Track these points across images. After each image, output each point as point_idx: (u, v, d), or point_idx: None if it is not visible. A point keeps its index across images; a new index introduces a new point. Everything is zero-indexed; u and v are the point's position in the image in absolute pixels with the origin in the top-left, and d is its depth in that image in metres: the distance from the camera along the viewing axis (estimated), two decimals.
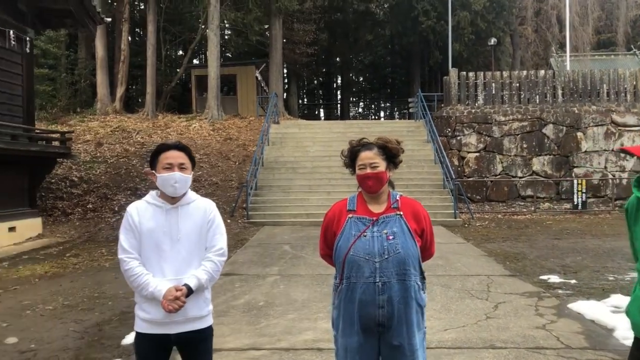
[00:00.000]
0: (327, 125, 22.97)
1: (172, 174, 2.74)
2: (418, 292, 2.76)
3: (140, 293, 2.74)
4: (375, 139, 2.89)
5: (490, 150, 18.61)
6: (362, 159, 2.79)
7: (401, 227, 2.75)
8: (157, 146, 2.90)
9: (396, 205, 2.82)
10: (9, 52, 11.81)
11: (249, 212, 14.63)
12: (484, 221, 14.86)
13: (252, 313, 6.16)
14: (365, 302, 2.67)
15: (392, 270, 2.67)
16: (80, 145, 18.65)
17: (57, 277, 8.26)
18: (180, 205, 2.82)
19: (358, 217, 2.79)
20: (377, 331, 2.71)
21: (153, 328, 2.75)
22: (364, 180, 2.79)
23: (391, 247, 2.69)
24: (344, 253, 2.72)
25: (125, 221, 2.80)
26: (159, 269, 2.74)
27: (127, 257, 2.75)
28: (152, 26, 23.84)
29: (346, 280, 2.73)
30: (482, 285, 7.41)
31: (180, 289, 2.69)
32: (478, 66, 31.38)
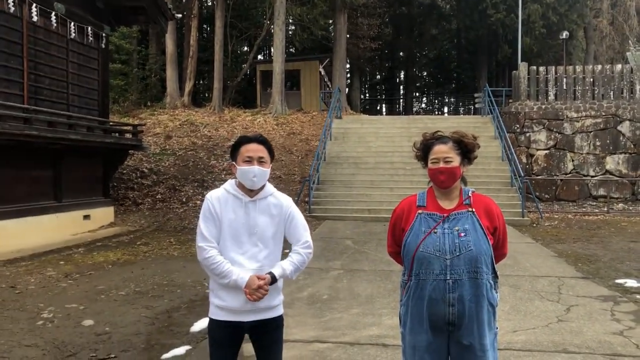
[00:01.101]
0: (390, 120, 22.74)
1: (251, 168, 2.77)
2: (490, 291, 2.66)
3: (221, 281, 2.75)
4: (450, 133, 2.80)
5: (561, 147, 17.89)
6: (435, 152, 2.72)
7: (473, 224, 2.66)
8: (238, 138, 2.94)
9: (468, 202, 2.73)
10: (87, 47, 12.35)
11: (311, 206, 14.71)
12: (554, 221, 14.31)
13: (317, 306, 6.18)
14: (435, 299, 2.61)
15: (464, 268, 2.59)
16: (150, 138, 19.31)
17: (129, 264, 8.59)
18: (258, 199, 2.85)
19: (428, 213, 2.71)
20: (447, 330, 2.64)
21: (227, 315, 2.79)
22: (436, 175, 2.71)
23: (463, 244, 2.61)
24: (413, 249, 2.65)
25: (206, 209, 2.82)
26: (236, 260, 2.78)
27: (207, 245, 2.78)
28: (220, 22, 24.35)
29: (415, 277, 2.66)
30: (552, 286, 7.14)
31: (263, 278, 2.72)
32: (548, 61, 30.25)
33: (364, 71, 40.54)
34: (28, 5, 10.17)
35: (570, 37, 30.59)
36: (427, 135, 2.84)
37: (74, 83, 11.95)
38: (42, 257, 9.02)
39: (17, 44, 10.22)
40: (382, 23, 32.22)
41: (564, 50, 30.16)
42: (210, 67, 25.67)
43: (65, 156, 11.54)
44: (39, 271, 7.95)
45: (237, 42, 31.47)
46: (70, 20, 11.39)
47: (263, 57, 36.73)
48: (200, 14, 27.58)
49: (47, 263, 8.56)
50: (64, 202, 11.52)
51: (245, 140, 2.86)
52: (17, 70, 10.21)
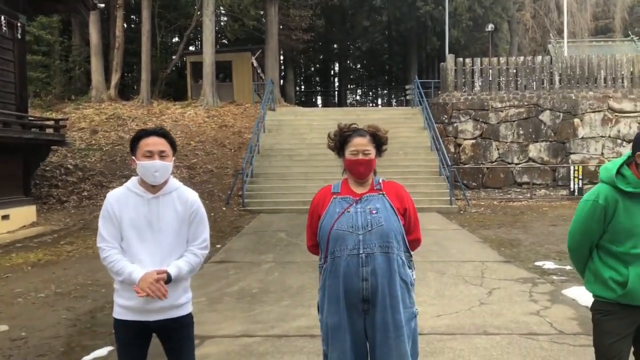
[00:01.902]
0: (324, 112, 22.86)
1: (152, 163, 2.69)
2: (402, 267, 2.76)
3: (118, 279, 2.70)
4: (366, 127, 2.93)
5: (487, 137, 18.56)
6: (355, 145, 2.82)
7: (384, 204, 2.80)
8: (137, 132, 2.84)
9: (379, 187, 2.88)
10: (1, 38, 11.67)
11: (244, 199, 14.58)
12: (480, 208, 14.85)
13: (246, 300, 6.14)
14: (349, 274, 2.68)
15: (375, 242, 2.70)
16: (75, 133, 18.54)
17: (50, 265, 8.22)
18: (162, 195, 2.77)
19: (342, 197, 2.84)
20: (362, 310, 2.70)
21: (132, 315, 2.72)
22: (355, 166, 2.82)
23: (374, 220, 2.73)
24: (328, 229, 2.75)
25: (104, 210, 2.75)
26: (139, 258, 2.70)
27: (105, 245, 2.72)
28: (147, 12, 23.61)
29: (330, 256, 2.74)
30: (476, 271, 7.40)
31: (162, 272, 2.65)
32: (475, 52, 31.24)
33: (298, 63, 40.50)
34: None
35: (496, 29, 31.67)
36: (342, 126, 2.91)
37: None
38: None
39: None
40: (315, 15, 32.20)
41: (490, 42, 31.20)
42: (138, 58, 24.88)
43: None
44: None
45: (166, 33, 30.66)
46: None
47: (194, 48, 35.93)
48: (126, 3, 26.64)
49: None
50: None
51: (145, 133, 2.77)
52: None
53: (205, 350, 4.57)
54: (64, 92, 24.56)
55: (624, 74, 18.86)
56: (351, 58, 46.48)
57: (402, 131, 18.32)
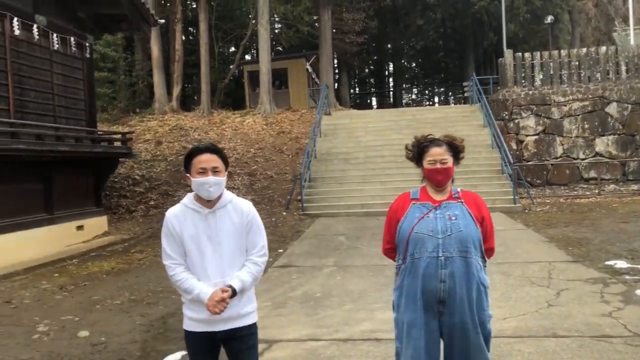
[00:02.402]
0: (379, 114, 22.79)
1: (206, 179, 2.78)
2: (480, 271, 2.90)
3: (187, 297, 2.84)
4: (442, 136, 3.08)
5: (550, 132, 18.00)
6: (432, 154, 2.97)
7: (462, 212, 2.94)
8: (189, 150, 2.94)
9: (457, 196, 3.03)
10: (71, 58, 12.33)
11: (303, 204, 14.76)
12: (545, 206, 14.41)
13: (310, 304, 6.24)
14: (428, 275, 2.83)
15: (455, 247, 2.83)
16: (140, 145, 19.30)
17: (123, 273, 8.62)
18: (217, 209, 2.87)
19: (421, 203, 3.00)
20: (438, 310, 2.84)
21: (200, 326, 2.85)
22: (433, 175, 2.98)
23: (454, 226, 2.87)
24: (408, 232, 2.91)
25: (165, 228, 2.87)
26: (203, 272, 2.82)
27: (171, 263, 2.85)
28: (204, 25, 24.30)
29: (410, 257, 2.90)
30: (543, 272, 7.22)
31: (226, 290, 2.77)
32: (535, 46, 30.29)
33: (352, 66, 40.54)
34: (9, 19, 10.15)
35: (556, 21, 30.64)
36: (420, 137, 3.10)
37: (59, 94, 11.92)
38: (36, 271, 9.04)
39: (0, 59, 10.20)
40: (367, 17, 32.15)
41: (550, 34, 30.20)
42: (198, 70, 25.62)
43: (55, 168, 11.53)
44: (34, 285, 7.97)
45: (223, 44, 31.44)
46: (52, 32, 11.36)
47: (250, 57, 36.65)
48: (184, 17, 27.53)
49: (41, 276, 8.58)
50: (56, 214, 11.52)
51: (197, 151, 2.87)
52: (1, 85, 10.19)
53: (272, 355, 4.69)
54: (128, 105, 25.62)
55: None
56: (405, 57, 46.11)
57: (461, 129, 18.00)
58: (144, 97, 27.07)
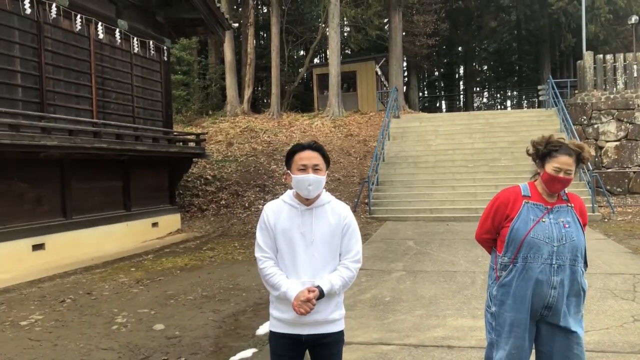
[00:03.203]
0: (449, 117, 22.36)
1: (306, 176, 2.73)
2: (582, 277, 2.98)
3: (273, 293, 2.77)
4: (572, 145, 2.99)
5: (633, 138, 17.06)
6: (561, 162, 2.92)
7: (573, 218, 2.98)
8: (292, 146, 2.91)
9: (566, 198, 3.04)
10: (150, 61, 12.85)
11: (371, 207, 14.68)
12: (627, 215, 13.65)
13: (379, 308, 6.17)
14: (540, 280, 2.89)
15: (567, 255, 2.90)
16: (212, 146, 19.83)
17: (196, 269, 8.85)
18: (315, 207, 2.81)
19: (534, 203, 2.99)
20: (540, 313, 2.94)
21: (286, 328, 2.78)
22: (554, 182, 2.93)
23: (568, 234, 2.92)
24: (523, 234, 2.92)
25: (261, 221, 2.85)
26: (293, 269, 2.76)
27: (262, 255, 2.80)
28: (276, 28, 24.70)
29: (522, 260, 2.93)
30: (626, 284, 6.82)
31: (313, 290, 2.68)
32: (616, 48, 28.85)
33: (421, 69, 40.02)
34: (94, 24, 10.69)
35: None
36: (550, 139, 3.02)
37: (138, 96, 12.45)
38: (114, 264, 9.45)
39: (85, 61, 10.76)
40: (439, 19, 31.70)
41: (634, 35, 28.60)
42: (268, 73, 26.11)
43: (132, 167, 12.05)
44: (112, 278, 8.33)
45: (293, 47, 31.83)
46: (133, 36, 11.88)
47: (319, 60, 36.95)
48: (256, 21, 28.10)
49: (119, 270, 8.96)
50: (133, 211, 12.02)
51: (299, 148, 2.82)
52: (85, 87, 10.75)
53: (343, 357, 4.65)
54: (201, 107, 26.40)
55: None
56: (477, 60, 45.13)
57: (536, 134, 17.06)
58: (217, 99, 27.82)
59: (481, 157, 16.75)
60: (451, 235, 11.46)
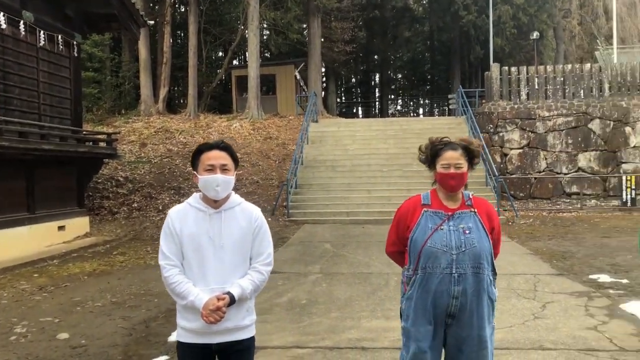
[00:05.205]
0: (366, 123, 22.87)
1: (214, 177, 2.62)
2: (490, 286, 2.84)
3: (180, 302, 2.64)
4: (458, 139, 2.93)
5: (534, 146, 18.19)
6: (447, 158, 2.83)
7: (476, 224, 2.83)
8: (198, 146, 2.79)
9: (470, 203, 2.90)
10: (58, 56, 12.18)
11: (289, 210, 14.71)
12: (529, 219, 14.54)
13: (295, 311, 6.18)
14: (440, 291, 2.76)
15: (468, 263, 2.76)
16: (125, 146, 19.11)
17: (105, 275, 8.48)
18: (224, 209, 2.71)
19: (433, 211, 2.86)
20: (445, 322, 2.81)
21: (194, 337, 2.66)
22: (446, 180, 2.83)
23: (468, 241, 2.78)
24: (421, 244, 2.79)
25: (165, 226, 2.70)
26: (202, 276, 2.64)
27: (167, 263, 2.65)
28: (193, 28, 24.23)
29: (422, 271, 2.80)
30: (528, 284, 7.25)
31: (223, 298, 2.58)
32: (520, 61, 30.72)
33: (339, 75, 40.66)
34: None
35: (541, 37, 31.11)
36: (434, 139, 2.94)
37: (45, 92, 11.76)
38: (15, 270, 8.86)
39: None
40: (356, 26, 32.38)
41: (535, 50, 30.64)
42: (185, 73, 25.51)
43: (38, 167, 11.35)
44: (12, 285, 7.81)
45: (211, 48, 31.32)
46: (40, 29, 11.21)
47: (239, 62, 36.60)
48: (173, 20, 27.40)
49: (20, 276, 8.41)
50: (37, 214, 11.32)
51: (206, 147, 2.71)
52: None
53: None
54: (114, 106, 25.37)
55: None
56: (392, 68, 46.41)
57: None
58: (130, 98, 26.84)
59: (395, 162, 17.23)
60: (367, 237, 11.70)
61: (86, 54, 22.16)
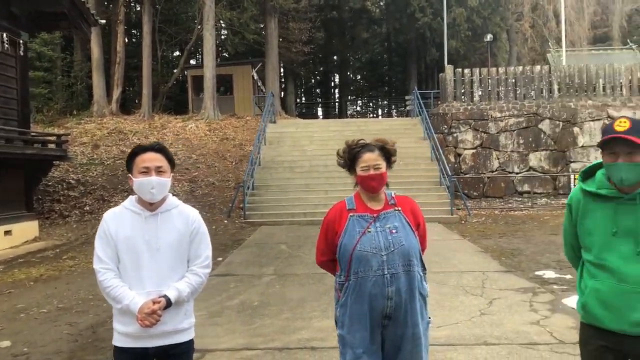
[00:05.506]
0: (324, 123, 22.97)
1: (148, 179, 2.59)
2: (421, 282, 2.87)
3: (116, 306, 2.61)
4: (373, 141, 2.96)
5: (487, 146, 18.61)
6: (365, 160, 2.85)
7: (401, 222, 2.86)
8: (133, 148, 2.75)
9: (393, 202, 2.93)
10: (3, 55, 11.80)
11: (246, 212, 14.62)
12: (481, 217, 14.86)
13: (247, 313, 6.16)
14: (374, 294, 2.76)
15: (399, 262, 2.78)
16: (77, 148, 18.64)
17: (53, 280, 8.26)
18: (160, 212, 2.67)
19: (359, 215, 2.87)
20: (382, 324, 2.80)
21: (131, 342, 2.63)
22: (367, 181, 2.86)
23: (395, 240, 2.80)
24: (350, 249, 2.79)
25: (100, 230, 2.66)
26: (138, 280, 2.60)
27: (101, 267, 2.62)
28: (148, 27, 23.82)
29: (354, 276, 2.79)
30: (477, 281, 7.41)
31: (158, 302, 2.55)
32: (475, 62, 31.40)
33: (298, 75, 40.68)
34: None
35: (495, 39, 31.87)
36: (351, 143, 2.94)
37: None
38: None
39: None
40: (314, 27, 32.42)
41: (489, 52, 31.37)
42: (140, 73, 25.05)
43: None
44: None
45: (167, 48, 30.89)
46: None
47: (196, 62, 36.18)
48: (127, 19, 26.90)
49: None
50: None
51: (141, 149, 2.68)
52: None
53: None
54: (66, 107, 24.69)
55: (623, 82, 18.93)
56: (351, 69, 46.72)
57: (402, 142, 18.35)
58: (83, 99, 26.17)
59: None
60: None
61: (35, 53, 21.48)
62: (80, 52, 26.85)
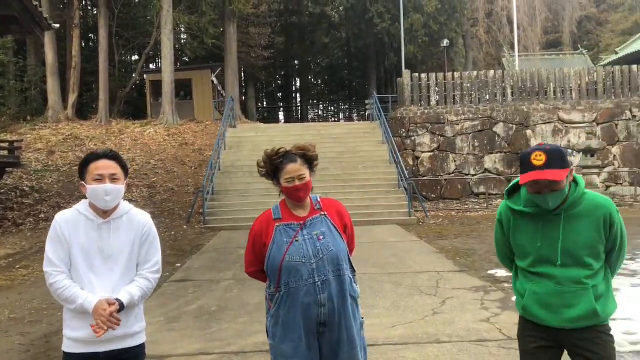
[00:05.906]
0: (285, 128, 23.03)
1: (103, 187, 2.59)
2: (351, 285, 2.86)
3: (69, 307, 2.59)
4: (294, 149, 2.89)
5: (444, 149, 19.02)
6: (289, 172, 2.80)
7: (328, 227, 2.84)
8: (85, 155, 2.75)
9: (319, 207, 2.91)
10: None
11: (205, 217, 14.54)
12: (438, 219, 15.17)
13: (204, 318, 6.17)
14: (307, 304, 2.73)
15: (329, 269, 2.76)
16: (31, 154, 18.19)
17: (4, 290, 8.07)
18: (113, 219, 2.68)
19: (286, 224, 2.83)
20: (317, 331, 2.77)
21: (81, 347, 2.62)
22: (294, 193, 2.82)
23: (323, 246, 2.77)
24: (279, 260, 2.75)
25: (52, 232, 2.63)
26: (90, 285, 2.59)
27: (53, 270, 2.59)
28: (104, 31, 23.43)
29: (285, 287, 2.75)
30: (431, 281, 7.60)
31: (113, 303, 2.55)
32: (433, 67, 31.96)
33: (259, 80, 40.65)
34: None
35: (451, 44, 32.54)
36: (270, 152, 2.87)
37: None
38: None
39: None
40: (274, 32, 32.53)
41: (446, 57, 32.01)
42: (96, 78, 24.64)
43: None
44: None
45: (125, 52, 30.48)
46: None
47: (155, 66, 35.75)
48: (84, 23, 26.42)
49: None
50: None
51: (94, 157, 2.67)
52: None
53: None
54: (19, 112, 24.05)
55: (572, 86, 19.64)
56: (312, 74, 46.96)
57: (362, 145, 18.65)
58: (37, 104, 25.53)
59: None
60: None
61: None
62: (34, 56, 26.22)
